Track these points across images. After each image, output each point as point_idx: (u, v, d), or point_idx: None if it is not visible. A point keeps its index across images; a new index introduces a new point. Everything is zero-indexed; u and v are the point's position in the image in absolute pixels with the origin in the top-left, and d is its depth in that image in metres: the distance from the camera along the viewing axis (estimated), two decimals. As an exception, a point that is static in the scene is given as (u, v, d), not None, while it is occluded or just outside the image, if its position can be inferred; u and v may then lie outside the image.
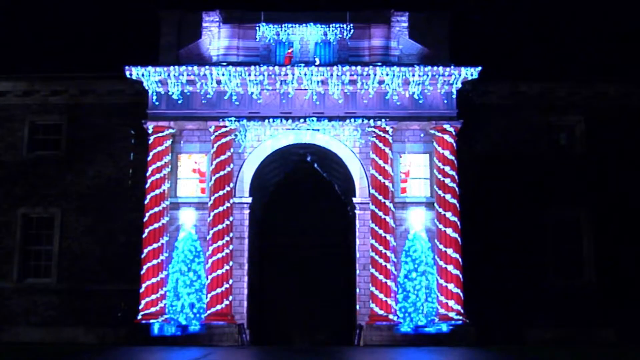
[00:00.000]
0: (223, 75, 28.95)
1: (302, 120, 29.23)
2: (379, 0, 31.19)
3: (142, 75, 29.04)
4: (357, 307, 28.97)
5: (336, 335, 33.07)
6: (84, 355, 21.12)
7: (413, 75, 28.90)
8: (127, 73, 29.11)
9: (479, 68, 28.90)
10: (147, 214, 28.48)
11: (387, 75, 28.90)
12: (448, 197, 28.54)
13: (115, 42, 35.08)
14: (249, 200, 29.68)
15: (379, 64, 29.21)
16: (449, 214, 28.40)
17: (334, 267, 34.36)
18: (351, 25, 29.88)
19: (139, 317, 27.75)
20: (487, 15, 37.51)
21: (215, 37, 29.97)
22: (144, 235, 28.37)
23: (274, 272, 35.11)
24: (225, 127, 29.12)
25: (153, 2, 32.17)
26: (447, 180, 28.64)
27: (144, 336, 26.98)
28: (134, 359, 20.29)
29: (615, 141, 31.46)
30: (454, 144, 29.02)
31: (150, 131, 29.15)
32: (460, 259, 28.10)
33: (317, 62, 29.68)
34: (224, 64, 29.24)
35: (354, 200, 29.79)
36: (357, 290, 29.11)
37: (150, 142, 29.13)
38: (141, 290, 27.93)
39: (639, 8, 36.81)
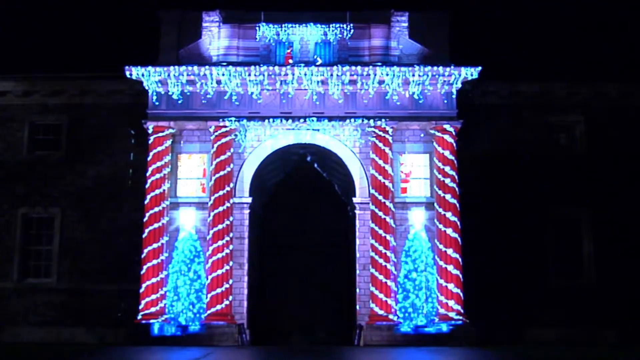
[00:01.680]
0: (223, 75, 28.96)
1: (302, 120, 29.23)
2: (379, 0, 31.24)
3: (142, 75, 29.06)
4: (357, 307, 28.97)
5: (336, 335, 33.05)
6: (84, 356, 21.13)
7: (413, 75, 28.90)
8: (127, 73, 29.12)
9: (479, 68, 28.90)
10: (147, 214, 28.49)
11: (387, 75, 28.90)
12: (448, 197, 28.54)
13: (115, 42, 35.16)
14: (249, 200, 29.68)
15: (379, 64, 29.21)
16: (449, 214, 28.41)
17: (334, 267, 34.35)
18: (351, 25, 29.89)
19: (139, 317, 27.76)
20: (486, 15, 37.54)
21: (215, 37, 29.98)
22: (144, 235, 28.38)
23: (274, 272, 35.09)
24: (225, 127, 29.13)
25: (153, 2, 32.20)
26: (447, 180, 28.65)
27: (144, 336, 27.00)
28: (134, 359, 20.31)
29: (615, 141, 31.46)
30: (454, 144, 29.02)
31: (150, 131, 29.16)
32: (460, 259, 28.11)
33: (319, 62, 29.69)
34: (224, 64, 29.25)
35: (354, 200, 29.79)
36: (357, 290, 29.11)
37: (150, 142, 29.15)
38: (141, 290, 27.94)
39: (638, 7, 36.86)
